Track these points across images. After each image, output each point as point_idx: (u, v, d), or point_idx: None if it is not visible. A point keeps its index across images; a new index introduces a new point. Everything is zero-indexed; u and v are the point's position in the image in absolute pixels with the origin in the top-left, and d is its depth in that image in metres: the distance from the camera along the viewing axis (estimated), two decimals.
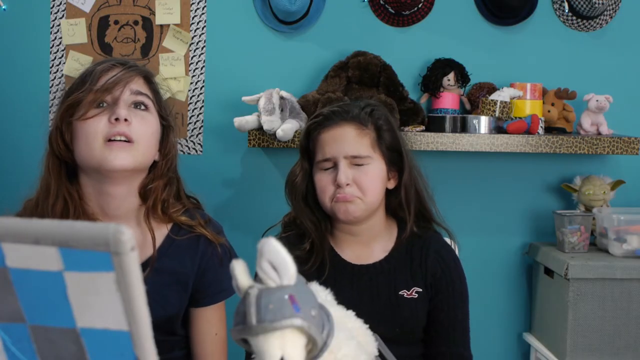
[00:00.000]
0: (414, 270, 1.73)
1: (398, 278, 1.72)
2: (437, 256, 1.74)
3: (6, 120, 2.69)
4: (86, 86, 1.58)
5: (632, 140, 2.59)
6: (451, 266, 1.74)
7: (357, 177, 1.69)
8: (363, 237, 1.76)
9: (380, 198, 1.73)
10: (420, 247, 1.75)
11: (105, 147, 1.55)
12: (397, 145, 1.76)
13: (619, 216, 2.59)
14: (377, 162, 1.72)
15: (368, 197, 1.69)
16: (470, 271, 1.99)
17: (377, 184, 1.71)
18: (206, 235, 1.67)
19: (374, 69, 2.64)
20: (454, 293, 1.72)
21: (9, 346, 0.84)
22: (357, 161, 1.70)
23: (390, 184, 1.77)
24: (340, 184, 1.67)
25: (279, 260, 1.03)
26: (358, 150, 1.70)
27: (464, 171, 2.81)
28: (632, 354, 2.51)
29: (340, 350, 1.13)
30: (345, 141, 1.70)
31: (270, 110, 2.49)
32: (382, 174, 1.73)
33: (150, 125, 1.62)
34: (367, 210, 1.71)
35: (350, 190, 1.68)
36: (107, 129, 1.55)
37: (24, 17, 2.70)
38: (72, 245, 0.77)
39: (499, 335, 2.86)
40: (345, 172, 1.68)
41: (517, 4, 2.71)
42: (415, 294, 1.71)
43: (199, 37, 2.72)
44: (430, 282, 1.72)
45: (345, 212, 1.69)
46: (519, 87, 2.67)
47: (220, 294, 1.69)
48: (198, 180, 2.72)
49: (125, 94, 1.59)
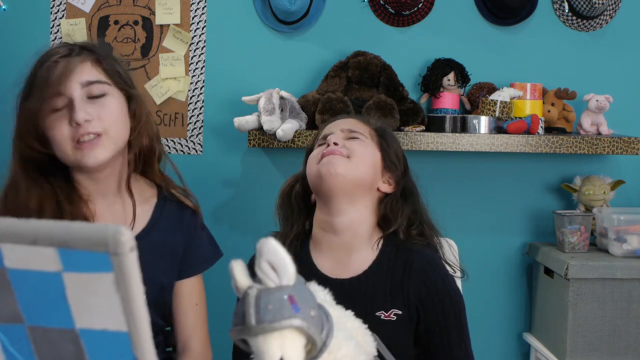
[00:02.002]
0: (394, 290, 1.58)
1: (376, 297, 1.58)
2: (422, 275, 1.58)
3: (6, 120, 2.68)
4: (36, 95, 1.53)
5: (632, 140, 2.59)
6: (438, 284, 1.59)
7: (349, 143, 1.63)
8: (344, 239, 1.62)
9: (367, 178, 1.63)
10: (403, 264, 1.60)
11: (76, 149, 1.54)
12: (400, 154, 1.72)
13: (619, 216, 2.59)
14: (370, 145, 1.66)
15: (354, 160, 1.60)
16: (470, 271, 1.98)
17: (366, 157, 1.63)
18: (189, 205, 1.73)
19: (374, 69, 2.64)
20: (444, 312, 1.58)
21: (7, 347, 0.84)
22: (353, 134, 1.66)
23: (384, 187, 1.67)
24: (329, 142, 1.62)
25: (278, 261, 1.03)
26: (353, 127, 1.68)
27: (464, 171, 2.81)
28: (632, 354, 2.51)
29: (340, 350, 1.13)
30: (344, 122, 1.71)
31: (270, 110, 2.49)
32: (373, 157, 1.65)
33: (112, 109, 1.58)
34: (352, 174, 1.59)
35: (338, 148, 1.61)
36: (72, 133, 1.53)
37: (24, 17, 2.70)
38: (70, 246, 0.77)
39: (499, 335, 2.86)
40: (338, 136, 1.65)
41: (517, 4, 2.71)
42: (394, 316, 1.57)
43: (199, 37, 2.72)
44: (415, 303, 1.58)
45: (328, 166, 1.57)
46: (519, 87, 2.67)
47: (202, 264, 1.75)
48: (198, 180, 2.73)
49: (76, 91, 1.54)
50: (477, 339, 1.85)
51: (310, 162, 1.66)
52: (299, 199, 1.73)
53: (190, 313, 1.74)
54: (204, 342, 1.76)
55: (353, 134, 1.66)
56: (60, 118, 1.54)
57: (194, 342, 1.74)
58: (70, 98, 1.53)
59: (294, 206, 1.73)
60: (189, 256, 1.74)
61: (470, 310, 1.71)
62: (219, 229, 2.72)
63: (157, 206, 1.72)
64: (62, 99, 1.53)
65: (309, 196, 1.73)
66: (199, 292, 1.76)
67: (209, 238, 1.80)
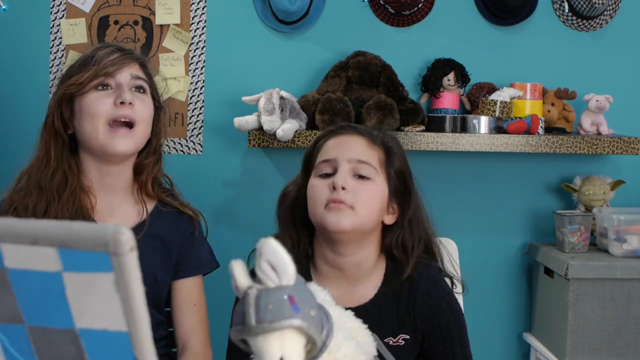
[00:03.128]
0: (402, 316, 1.57)
1: (383, 324, 1.55)
2: (426, 298, 1.57)
3: (6, 120, 2.69)
4: (89, 68, 1.66)
5: (632, 140, 2.59)
6: (442, 306, 1.58)
7: (357, 187, 1.52)
8: (349, 274, 1.58)
9: (374, 222, 1.56)
10: (408, 289, 1.57)
11: (109, 131, 1.66)
12: (405, 174, 1.61)
13: (619, 216, 2.59)
14: (380, 183, 1.56)
15: (362, 210, 1.51)
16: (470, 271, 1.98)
17: (375, 203, 1.54)
18: (188, 213, 1.80)
19: (374, 69, 2.64)
20: (448, 332, 1.58)
21: (7, 347, 0.84)
22: (361, 169, 1.54)
23: (389, 219, 1.60)
24: (336, 185, 1.50)
25: (278, 261, 1.03)
26: (365, 157, 1.55)
27: (464, 171, 2.81)
28: (632, 354, 2.51)
29: (340, 350, 1.13)
30: (352, 147, 1.57)
31: (270, 110, 2.49)
32: (382, 197, 1.56)
33: (148, 107, 1.74)
34: (357, 226, 1.52)
35: (345, 195, 1.50)
36: (112, 111, 1.66)
37: (24, 17, 2.70)
38: (70, 246, 0.77)
39: (499, 335, 2.86)
40: (345, 175, 1.52)
41: (517, 4, 2.71)
42: (402, 341, 1.56)
43: (199, 37, 2.72)
44: (421, 326, 1.57)
45: (335, 222, 1.50)
46: (519, 87, 2.67)
47: (200, 267, 1.80)
48: (198, 180, 2.73)
49: (127, 78, 1.69)
50: (477, 339, 1.85)
51: (315, 199, 1.55)
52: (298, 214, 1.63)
53: (188, 313, 1.77)
54: (204, 342, 1.78)
55: (362, 167, 1.54)
56: (104, 96, 1.67)
57: (193, 343, 1.76)
58: (119, 82, 1.68)
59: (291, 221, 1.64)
60: (187, 257, 1.78)
61: (471, 310, 1.71)
62: (219, 229, 2.72)
63: (156, 207, 1.78)
64: (112, 80, 1.68)
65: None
66: (198, 293, 1.79)
67: (208, 247, 1.85)
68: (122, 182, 1.74)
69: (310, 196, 1.56)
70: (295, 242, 1.61)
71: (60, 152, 1.69)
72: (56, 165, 1.68)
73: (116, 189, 1.73)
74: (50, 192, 1.66)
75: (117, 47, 1.73)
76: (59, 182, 1.67)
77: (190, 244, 1.78)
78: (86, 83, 1.66)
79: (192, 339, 1.76)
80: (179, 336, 1.77)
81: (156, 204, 1.78)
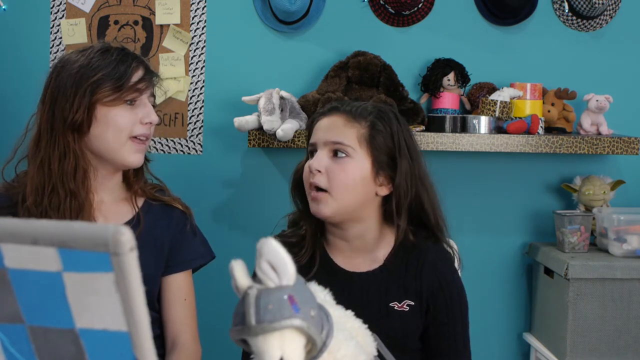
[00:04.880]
0: (408, 283, 1.64)
1: (390, 289, 1.64)
2: (433, 269, 1.64)
3: (6, 120, 2.69)
4: (121, 82, 1.68)
5: (632, 140, 2.59)
6: (449, 279, 1.65)
7: (332, 168, 1.59)
8: (354, 244, 1.67)
9: (357, 200, 1.61)
10: (416, 259, 1.65)
11: (129, 143, 1.70)
12: (392, 151, 1.64)
13: (619, 216, 2.59)
14: (360, 159, 1.61)
15: (338, 193, 1.58)
16: (470, 271, 1.99)
17: (352, 181, 1.59)
18: (179, 208, 1.82)
19: (374, 69, 2.64)
20: (452, 306, 1.64)
21: (8, 347, 0.84)
22: (337, 147, 1.59)
23: (382, 190, 1.64)
24: (311, 168, 1.59)
25: (278, 261, 1.03)
26: (339, 137, 1.60)
27: (464, 171, 2.81)
28: (632, 354, 2.51)
29: (340, 350, 1.13)
30: (329, 128, 1.63)
31: (270, 110, 2.49)
32: (362, 173, 1.61)
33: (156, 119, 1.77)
34: (339, 208, 1.59)
35: (319, 179, 1.58)
36: (136, 129, 1.70)
37: (24, 17, 2.70)
38: (71, 246, 0.77)
39: (499, 335, 2.86)
40: (320, 158, 1.60)
41: (517, 4, 2.71)
42: (407, 307, 1.63)
43: (199, 37, 2.72)
44: (426, 295, 1.63)
45: (316, 211, 1.60)
46: (519, 87, 2.67)
47: (191, 262, 1.82)
48: (198, 180, 2.73)
49: (148, 95, 1.74)
50: (477, 339, 1.85)
51: (304, 182, 1.65)
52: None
53: (178, 307, 1.79)
54: (193, 338, 1.80)
55: (337, 147, 1.60)
56: (131, 110, 1.70)
57: (183, 338, 1.78)
58: (144, 102, 1.72)
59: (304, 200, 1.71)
60: (177, 252, 1.80)
61: (471, 310, 1.71)
62: (219, 229, 2.72)
63: (145, 203, 1.80)
64: (136, 96, 1.70)
65: None
66: (188, 287, 1.82)
67: (201, 239, 1.86)
68: (112, 181, 1.77)
69: (304, 178, 1.66)
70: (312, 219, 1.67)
71: (82, 151, 1.70)
72: (77, 164, 1.70)
73: (108, 188, 1.76)
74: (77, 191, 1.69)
75: (140, 59, 1.75)
76: (83, 178, 1.70)
77: (181, 239, 1.80)
78: (116, 95, 1.68)
79: (183, 334, 1.78)
80: (169, 331, 1.79)
81: (145, 200, 1.80)
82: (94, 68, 1.69)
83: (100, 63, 1.70)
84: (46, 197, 1.68)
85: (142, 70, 1.72)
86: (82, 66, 1.70)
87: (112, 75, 1.68)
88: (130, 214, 1.78)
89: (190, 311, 1.81)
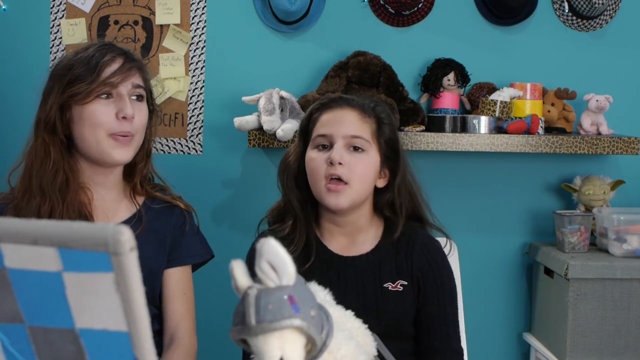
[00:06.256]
0: (400, 263, 1.71)
1: (383, 271, 1.71)
2: (423, 250, 1.72)
3: (7, 120, 2.69)
4: (92, 77, 1.66)
5: (632, 140, 2.59)
6: (439, 261, 1.73)
7: (352, 162, 1.66)
8: (347, 229, 1.74)
9: (368, 191, 1.71)
10: (406, 241, 1.73)
11: (109, 139, 1.67)
12: (395, 142, 1.74)
13: (619, 216, 2.59)
14: (373, 153, 1.70)
15: (356, 185, 1.66)
16: (470, 271, 1.99)
17: (369, 174, 1.69)
18: (180, 206, 1.83)
19: (374, 69, 2.64)
20: (442, 287, 1.71)
21: (8, 347, 0.84)
22: (355, 142, 1.67)
23: (380, 183, 1.75)
24: (332, 160, 1.64)
25: (278, 261, 1.03)
26: (358, 132, 1.68)
27: (464, 171, 2.81)
28: (632, 354, 2.51)
29: (340, 350, 1.13)
30: (346, 122, 1.69)
31: (270, 110, 2.49)
32: (375, 167, 1.71)
33: (145, 115, 1.74)
34: (354, 200, 1.67)
35: (341, 171, 1.64)
36: (113, 125, 1.67)
37: (24, 17, 2.70)
38: (71, 246, 0.77)
39: (499, 335, 2.86)
40: (340, 151, 1.65)
41: (517, 4, 2.71)
42: (401, 286, 1.69)
43: (199, 37, 2.72)
44: (417, 275, 1.70)
45: (335, 204, 1.66)
46: (519, 87, 2.67)
47: (192, 257, 1.84)
48: (198, 180, 2.73)
49: (128, 87, 1.70)
50: (477, 339, 1.85)
51: (315, 173, 1.68)
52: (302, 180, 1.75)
53: (178, 301, 1.80)
54: (190, 332, 1.81)
55: (356, 141, 1.67)
56: (106, 105, 1.67)
57: (181, 332, 1.79)
58: (121, 93, 1.68)
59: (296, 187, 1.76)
60: (178, 247, 1.81)
61: (471, 310, 1.72)
62: (219, 229, 2.72)
63: (147, 200, 1.81)
64: (114, 90, 1.68)
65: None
66: (187, 282, 1.83)
67: (201, 239, 1.88)
68: (112, 179, 1.77)
69: (310, 170, 1.70)
70: (304, 204, 1.74)
71: (60, 153, 1.70)
72: (57, 167, 1.69)
73: (107, 186, 1.76)
74: (54, 194, 1.67)
75: (120, 51, 1.72)
76: (61, 183, 1.68)
77: (181, 235, 1.81)
78: (89, 92, 1.66)
79: (181, 328, 1.79)
80: (168, 325, 1.80)
81: (147, 198, 1.81)
82: (68, 67, 1.69)
83: (75, 61, 1.69)
84: (25, 201, 1.68)
85: (119, 63, 1.69)
86: (58, 66, 1.71)
87: (84, 70, 1.67)
88: (132, 211, 1.79)
89: (189, 305, 1.82)
